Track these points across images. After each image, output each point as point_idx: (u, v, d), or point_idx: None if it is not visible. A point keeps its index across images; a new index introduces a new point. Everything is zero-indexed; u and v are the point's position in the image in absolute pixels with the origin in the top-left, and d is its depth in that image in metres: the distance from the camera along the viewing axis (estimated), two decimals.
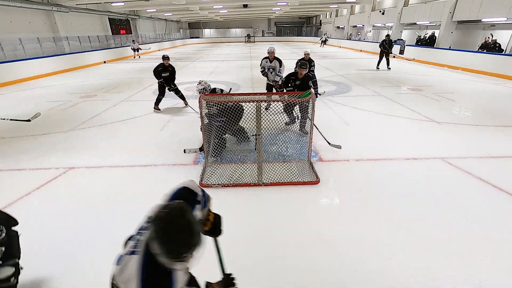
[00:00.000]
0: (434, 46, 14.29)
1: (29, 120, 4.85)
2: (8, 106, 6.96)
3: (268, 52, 5.88)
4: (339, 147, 3.98)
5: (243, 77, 10.55)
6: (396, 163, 3.71)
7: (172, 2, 17.45)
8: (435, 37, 14.98)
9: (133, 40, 19.37)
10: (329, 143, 4.01)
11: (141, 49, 18.88)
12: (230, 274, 1.34)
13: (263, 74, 6.02)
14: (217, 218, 1.37)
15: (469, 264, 2.09)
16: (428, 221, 2.57)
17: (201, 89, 3.96)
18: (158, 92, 6.22)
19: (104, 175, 3.53)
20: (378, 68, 11.92)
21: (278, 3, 21.75)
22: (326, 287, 1.94)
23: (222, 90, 4.19)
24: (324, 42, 26.28)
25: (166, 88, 6.19)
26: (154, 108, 6.19)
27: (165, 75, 6.06)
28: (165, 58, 6.10)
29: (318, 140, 4.39)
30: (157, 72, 6.03)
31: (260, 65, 6.06)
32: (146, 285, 0.93)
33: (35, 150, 4.28)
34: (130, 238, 1.19)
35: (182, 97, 6.45)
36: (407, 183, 3.21)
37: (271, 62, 5.87)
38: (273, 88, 6.02)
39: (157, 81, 6.18)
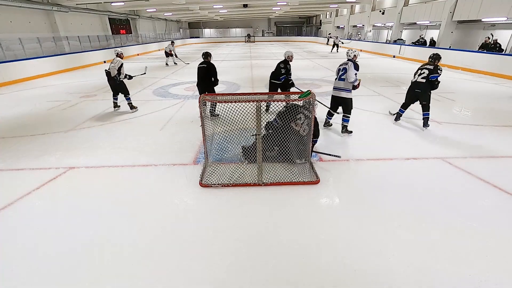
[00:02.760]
0: (435, 46, 14.30)
1: (144, 73, 6.86)
2: (8, 106, 6.96)
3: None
4: (338, 156, 3.70)
5: (243, 77, 10.55)
6: (396, 163, 3.71)
7: (172, 2, 17.47)
8: (434, 41, 15.02)
9: (172, 42, 14.21)
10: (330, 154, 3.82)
11: (176, 56, 14.25)
12: None
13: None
14: None
15: (469, 264, 2.09)
16: (428, 221, 2.57)
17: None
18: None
19: (104, 175, 3.53)
20: None
21: (278, 3, 21.75)
22: (326, 287, 1.94)
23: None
24: (337, 45, 19.98)
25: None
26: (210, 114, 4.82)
27: None
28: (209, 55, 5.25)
29: (318, 140, 4.39)
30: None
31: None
32: None
33: (35, 150, 4.28)
34: None
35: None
36: (407, 183, 3.21)
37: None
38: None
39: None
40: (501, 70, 9.78)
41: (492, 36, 11.87)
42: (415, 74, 4.74)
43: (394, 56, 16.29)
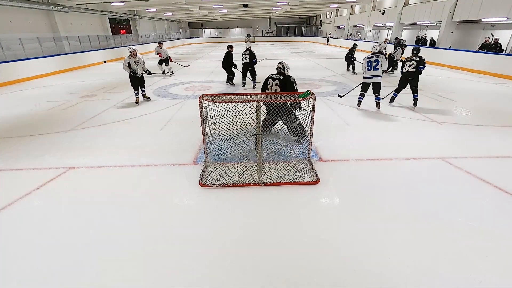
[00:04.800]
0: (435, 46, 14.31)
1: (188, 65, 8.80)
2: (8, 106, 6.96)
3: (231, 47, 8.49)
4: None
5: None
6: (396, 163, 3.71)
7: (172, 2, 17.46)
8: (434, 41, 15.02)
9: (159, 42, 11.18)
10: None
11: (171, 61, 11.24)
12: None
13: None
14: None
15: (469, 264, 2.09)
16: (428, 221, 2.57)
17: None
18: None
19: (104, 175, 3.53)
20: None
21: (278, 3, 21.75)
22: (326, 287, 1.94)
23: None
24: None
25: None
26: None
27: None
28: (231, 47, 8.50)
29: (318, 140, 4.40)
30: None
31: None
32: None
33: (35, 150, 4.28)
34: None
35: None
36: (407, 183, 3.21)
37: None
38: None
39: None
40: (501, 70, 9.78)
41: (493, 36, 11.87)
42: (404, 66, 5.93)
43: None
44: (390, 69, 10.75)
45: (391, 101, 6.36)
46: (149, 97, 7.16)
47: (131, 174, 3.55)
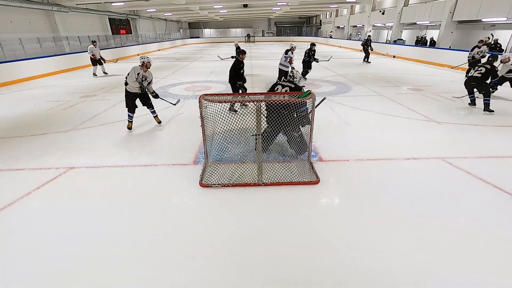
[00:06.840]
0: (435, 46, 14.31)
1: (175, 104, 5.91)
2: (8, 106, 6.96)
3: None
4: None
5: None
6: (396, 163, 3.71)
7: (172, 2, 17.46)
8: (434, 41, 15.03)
9: (93, 41, 11.09)
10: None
11: (104, 61, 11.53)
12: None
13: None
14: None
15: (469, 264, 2.09)
16: (428, 221, 2.57)
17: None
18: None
19: (104, 175, 3.53)
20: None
21: (278, 3, 21.76)
22: (326, 287, 1.94)
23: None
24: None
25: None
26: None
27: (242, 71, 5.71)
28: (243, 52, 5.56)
29: (318, 140, 4.40)
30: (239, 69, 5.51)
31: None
32: None
33: (35, 150, 4.28)
34: None
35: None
36: (407, 183, 3.21)
37: None
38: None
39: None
40: (501, 70, 9.76)
41: (493, 36, 11.87)
42: (470, 70, 6.23)
43: (394, 56, 16.30)
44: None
45: (472, 103, 6.21)
46: (160, 121, 5.32)
47: (131, 174, 3.55)
